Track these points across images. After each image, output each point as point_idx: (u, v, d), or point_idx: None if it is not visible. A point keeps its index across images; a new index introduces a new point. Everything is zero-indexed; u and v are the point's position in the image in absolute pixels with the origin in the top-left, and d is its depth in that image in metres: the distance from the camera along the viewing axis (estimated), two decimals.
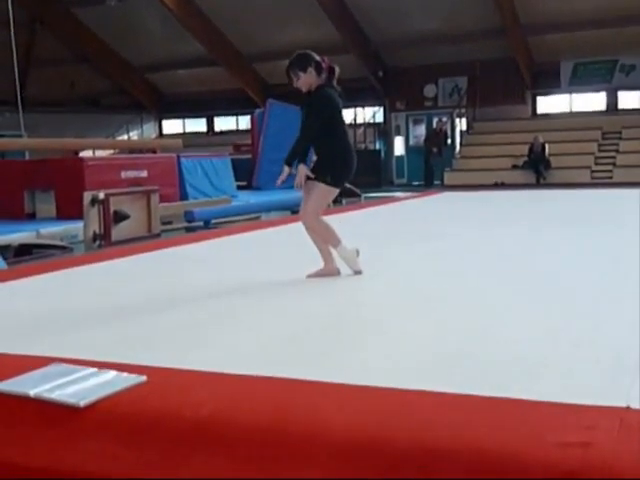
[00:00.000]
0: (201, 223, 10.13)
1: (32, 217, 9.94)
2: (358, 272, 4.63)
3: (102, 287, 4.73)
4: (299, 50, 4.70)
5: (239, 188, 13.54)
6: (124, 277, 5.18)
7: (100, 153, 17.29)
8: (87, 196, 8.21)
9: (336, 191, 4.65)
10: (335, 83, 4.62)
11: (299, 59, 4.59)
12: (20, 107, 14.08)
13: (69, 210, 9.22)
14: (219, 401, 2.25)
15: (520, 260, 5.25)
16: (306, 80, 4.55)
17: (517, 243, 6.25)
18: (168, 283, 4.77)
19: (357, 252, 4.62)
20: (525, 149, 17.99)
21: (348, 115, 22.44)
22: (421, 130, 21.78)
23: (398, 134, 22.28)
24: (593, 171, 17.36)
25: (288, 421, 2.08)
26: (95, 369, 2.53)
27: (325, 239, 4.60)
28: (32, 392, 2.32)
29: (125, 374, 2.48)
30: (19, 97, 14.04)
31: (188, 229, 9.87)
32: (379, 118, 22.69)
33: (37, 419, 2.27)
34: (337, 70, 4.61)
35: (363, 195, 15.40)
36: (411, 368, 2.66)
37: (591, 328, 3.18)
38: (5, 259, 6.68)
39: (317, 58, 4.58)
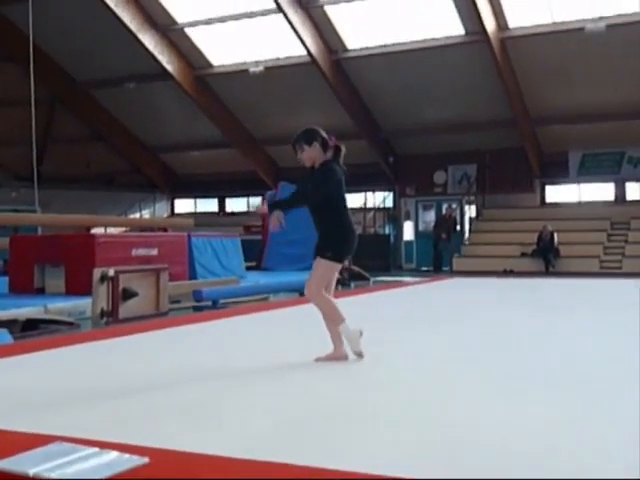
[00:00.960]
0: (209, 302, 10.11)
1: (41, 292, 9.96)
2: (359, 354, 4.56)
3: (107, 364, 4.70)
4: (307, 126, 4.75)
5: (248, 269, 13.58)
6: (130, 355, 5.15)
7: (112, 230, 17.45)
8: (97, 273, 8.23)
9: (338, 266, 4.64)
10: (341, 162, 4.67)
11: (306, 133, 4.66)
12: (35, 183, 14.32)
13: (78, 286, 9.24)
14: None
15: (528, 346, 5.20)
16: (311, 154, 4.59)
17: (525, 329, 6.19)
18: (174, 362, 4.73)
19: (361, 333, 4.55)
20: (534, 237, 18.06)
21: (358, 199, 22.73)
22: (430, 216, 21.94)
23: (407, 219, 22.44)
24: (602, 261, 17.38)
25: None
26: (97, 449, 2.50)
27: (329, 315, 4.55)
28: (32, 472, 2.28)
29: (127, 455, 2.44)
30: (35, 173, 14.31)
31: (196, 308, 9.85)
32: (389, 203, 22.91)
33: None
34: (343, 149, 4.68)
35: (372, 279, 15.40)
36: (418, 456, 2.61)
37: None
38: (12, 333, 6.66)
39: (324, 134, 4.65)
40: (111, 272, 8.28)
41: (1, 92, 15.28)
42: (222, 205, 25.86)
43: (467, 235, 20.81)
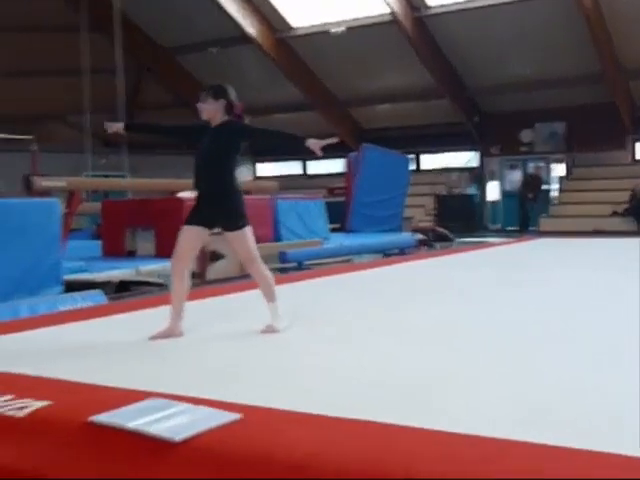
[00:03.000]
0: (294, 264, 10.22)
1: (132, 254, 10.25)
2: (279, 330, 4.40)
3: (197, 324, 4.82)
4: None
5: (332, 230, 13.62)
6: (218, 315, 5.27)
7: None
8: None
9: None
10: None
11: (219, 87, 4.53)
12: (124, 149, 14.70)
13: (167, 248, 9.41)
14: (313, 443, 2.24)
15: (617, 312, 5.06)
16: (212, 108, 4.45)
17: (615, 292, 6.03)
18: (259, 322, 4.82)
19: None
20: (625, 196, 17.46)
21: (441, 159, 22.44)
22: (516, 175, 21.48)
23: (492, 179, 22.03)
24: None
25: (383, 467, 2.05)
26: (190, 405, 2.58)
27: (268, 288, 4.49)
28: (130, 425, 2.37)
29: (219, 411, 2.51)
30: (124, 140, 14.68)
31: (281, 269, 9.97)
32: (473, 163, 22.54)
33: (133, 451, 2.32)
34: (245, 120, 4.53)
35: (456, 240, 15.25)
36: (504, 417, 2.59)
37: None
38: (106, 294, 6.91)
39: (232, 98, 4.49)
40: None
41: (91, 61, 15.62)
42: (305, 167, 25.95)
43: (555, 194, 20.31)
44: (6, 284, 6.40)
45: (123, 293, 7.77)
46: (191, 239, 4.45)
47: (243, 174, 25.22)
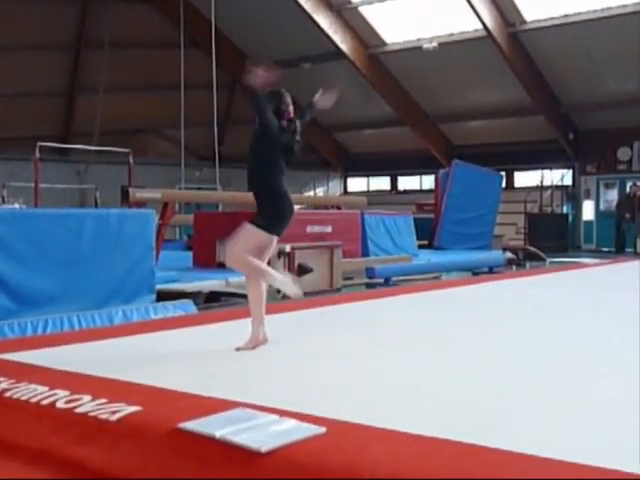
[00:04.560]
0: (382, 280, 10.19)
1: (222, 266, 10.40)
2: (298, 294, 4.41)
3: (283, 337, 4.85)
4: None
5: (420, 247, 13.53)
6: (305, 328, 5.29)
7: None
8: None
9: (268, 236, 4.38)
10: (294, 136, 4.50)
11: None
12: (217, 162, 15.00)
13: None
14: (398, 461, 2.22)
15: None
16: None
17: None
18: (347, 337, 4.81)
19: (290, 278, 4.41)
20: None
21: (534, 177, 21.99)
22: (613, 194, 20.83)
23: (588, 198, 21.44)
24: None
25: None
26: (276, 416, 2.59)
27: (253, 272, 4.35)
28: (218, 433, 2.40)
29: (305, 424, 2.51)
30: (216, 153, 14.99)
31: (369, 285, 9.95)
32: (567, 181, 21.99)
33: (220, 460, 2.34)
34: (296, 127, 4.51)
35: (548, 259, 14.89)
36: (593, 442, 2.50)
37: None
38: (196, 304, 7.04)
39: (287, 101, 4.57)
40: (287, 248, 8.54)
41: (186, 77, 16.07)
42: (394, 183, 25.89)
43: None
44: (102, 291, 6.62)
45: (212, 303, 7.90)
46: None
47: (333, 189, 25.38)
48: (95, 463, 2.52)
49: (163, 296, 7.23)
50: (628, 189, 19.65)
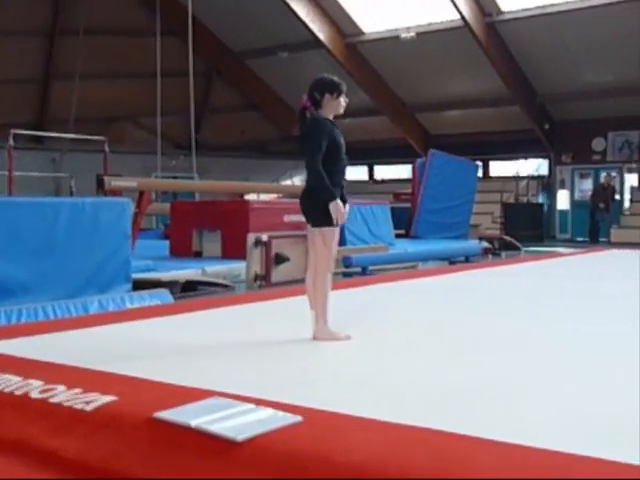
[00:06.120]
0: (358, 269, 10.21)
1: (199, 255, 10.40)
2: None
3: (261, 326, 4.86)
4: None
5: (397, 236, 13.57)
6: (283, 318, 5.30)
7: (264, 197, 17.92)
8: (251, 237, 8.51)
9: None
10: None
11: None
12: (194, 151, 14.93)
13: (233, 250, 9.59)
14: (373, 448, 2.23)
15: None
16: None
17: None
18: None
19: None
20: None
21: (510, 167, 22.15)
22: (587, 184, 21.03)
23: (563, 188, 21.63)
24: None
25: (441, 474, 2.03)
26: (252, 405, 2.59)
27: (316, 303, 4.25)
28: (193, 423, 2.40)
29: (281, 413, 2.51)
30: (193, 142, 14.92)
31: (345, 274, 9.97)
32: (543, 171, 22.16)
33: (196, 449, 2.34)
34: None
35: (523, 249, 15.00)
36: (570, 431, 2.53)
37: None
38: (172, 294, 7.02)
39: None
40: (264, 237, 8.53)
41: (163, 64, 15.94)
42: (371, 172, 25.92)
43: (627, 205, 19.81)
44: (77, 281, 6.58)
45: (189, 293, 7.88)
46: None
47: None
48: (70, 453, 2.51)
49: (139, 285, 7.21)
50: (602, 179, 19.84)
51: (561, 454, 2.19)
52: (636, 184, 20.21)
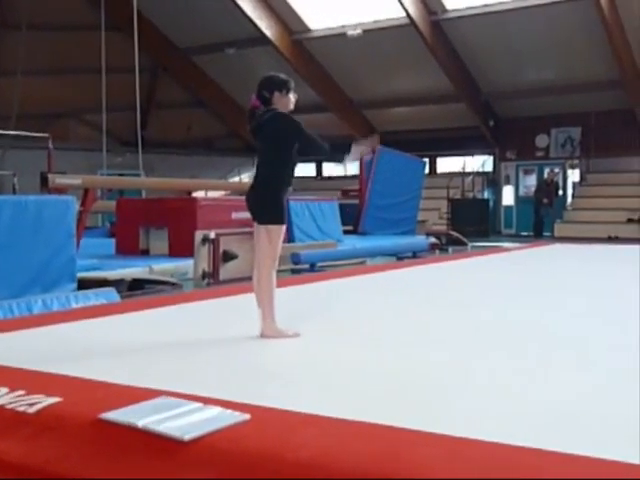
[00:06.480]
0: (307, 266, 10.22)
1: (146, 253, 10.29)
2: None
3: (208, 324, 4.84)
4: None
5: (345, 233, 13.63)
6: (231, 315, 5.28)
7: (212, 194, 17.81)
8: (198, 235, 8.46)
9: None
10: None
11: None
12: (140, 148, 14.75)
13: (181, 248, 9.51)
14: (320, 444, 2.24)
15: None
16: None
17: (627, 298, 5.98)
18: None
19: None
20: None
21: (456, 163, 22.43)
22: (531, 180, 21.43)
23: (507, 184, 21.99)
24: None
25: (389, 470, 2.05)
26: (201, 404, 2.58)
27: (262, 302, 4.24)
28: (140, 423, 2.37)
29: (229, 411, 2.50)
30: (139, 139, 14.73)
31: (294, 271, 9.97)
32: (488, 167, 22.49)
33: (143, 449, 2.32)
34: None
35: (470, 244, 15.21)
36: (515, 422, 2.58)
37: None
38: (119, 292, 6.94)
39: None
40: (212, 235, 8.48)
41: (108, 60, 15.70)
42: (319, 169, 25.97)
43: (570, 200, 20.25)
44: (20, 280, 6.45)
45: (136, 291, 7.80)
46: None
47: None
48: (13, 457, 2.46)
49: (85, 284, 7.10)
50: (546, 175, 20.24)
51: (507, 446, 2.23)
52: (578, 180, 20.66)
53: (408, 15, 18.16)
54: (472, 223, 18.79)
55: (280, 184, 4.28)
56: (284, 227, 4.35)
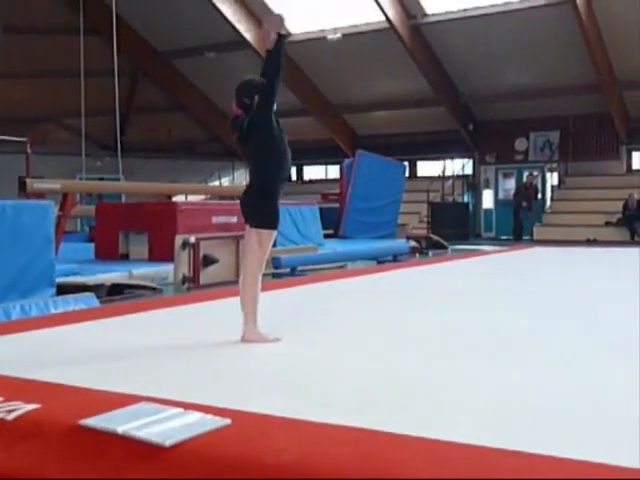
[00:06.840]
0: (288, 270, 10.22)
1: (125, 258, 10.22)
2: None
3: (189, 328, 4.82)
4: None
5: (326, 237, 13.63)
6: (212, 320, 5.26)
7: (192, 198, 17.75)
8: (178, 239, 8.43)
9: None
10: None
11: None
12: (119, 152, 14.67)
13: (161, 252, 9.46)
14: (301, 448, 2.24)
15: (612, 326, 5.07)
16: None
17: (606, 299, 6.04)
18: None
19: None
20: (619, 205, 17.53)
21: (436, 167, 22.53)
22: (511, 184, 21.56)
23: (487, 187, 22.11)
24: None
25: (370, 473, 2.05)
26: (181, 410, 2.57)
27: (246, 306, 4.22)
28: (120, 429, 2.36)
29: (210, 416, 2.50)
30: (119, 143, 14.65)
31: (275, 275, 9.96)
32: (468, 170, 22.60)
33: (123, 456, 2.31)
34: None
35: (450, 247, 15.27)
36: (492, 424, 2.59)
37: None
38: (98, 297, 6.89)
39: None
40: (192, 239, 8.46)
41: (87, 64, 15.61)
42: (300, 173, 25.96)
43: (549, 203, 20.40)
44: None
45: (115, 296, 7.75)
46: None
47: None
48: None
49: (64, 290, 7.05)
50: (525, 178, 20.38)
51: (487, 449, 2.24)
52: (557, 183, 20.82)
53: (388, 19, 18.23)
54: (452, 226, 18.87)
55: (273, 188, 4.27)
56: (275, 232, 4.34)
